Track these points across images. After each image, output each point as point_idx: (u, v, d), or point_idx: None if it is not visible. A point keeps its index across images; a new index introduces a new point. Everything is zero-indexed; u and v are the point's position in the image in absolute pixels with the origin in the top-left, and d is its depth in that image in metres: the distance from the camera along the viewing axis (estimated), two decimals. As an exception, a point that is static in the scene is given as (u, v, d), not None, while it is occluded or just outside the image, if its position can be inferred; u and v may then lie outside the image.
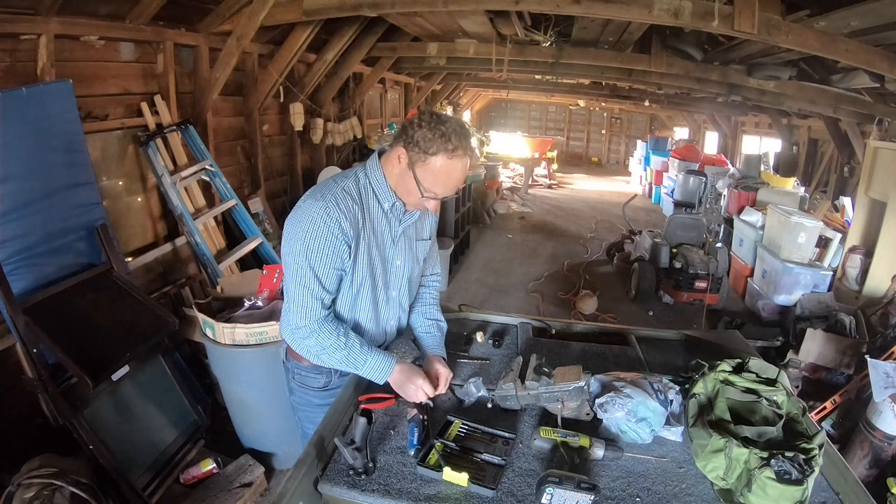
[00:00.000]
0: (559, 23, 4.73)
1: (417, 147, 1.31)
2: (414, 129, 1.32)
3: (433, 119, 1.32)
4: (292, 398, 1.62)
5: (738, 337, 1.92)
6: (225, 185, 3.66)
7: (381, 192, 1.42)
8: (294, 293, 1.37)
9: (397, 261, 1.52)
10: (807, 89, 4.59)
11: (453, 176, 1.35)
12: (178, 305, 3.20)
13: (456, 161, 1.33)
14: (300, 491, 1.11)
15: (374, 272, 1.46)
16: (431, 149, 1.30)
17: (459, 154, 1.32)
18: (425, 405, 1.39)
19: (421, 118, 1.33)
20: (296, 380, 1.58)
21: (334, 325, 1.40)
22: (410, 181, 1.36)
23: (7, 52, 2.37)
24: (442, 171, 1.33)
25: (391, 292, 1.54)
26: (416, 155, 1.32)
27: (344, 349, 1.38)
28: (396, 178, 1.39)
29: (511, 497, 1.14)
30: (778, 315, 4.34)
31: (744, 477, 1.12)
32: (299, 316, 1.37)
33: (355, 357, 1.39)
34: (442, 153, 1.31)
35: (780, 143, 8.05)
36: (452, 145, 1.30)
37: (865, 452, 2.47)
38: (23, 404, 2.21)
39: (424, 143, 1.30)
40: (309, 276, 1.34)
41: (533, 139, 14.04)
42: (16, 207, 2.14)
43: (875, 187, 4.08)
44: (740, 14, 2.79)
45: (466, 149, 1.34)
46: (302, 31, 4.06)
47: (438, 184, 1.35)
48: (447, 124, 1.31)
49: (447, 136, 1.30)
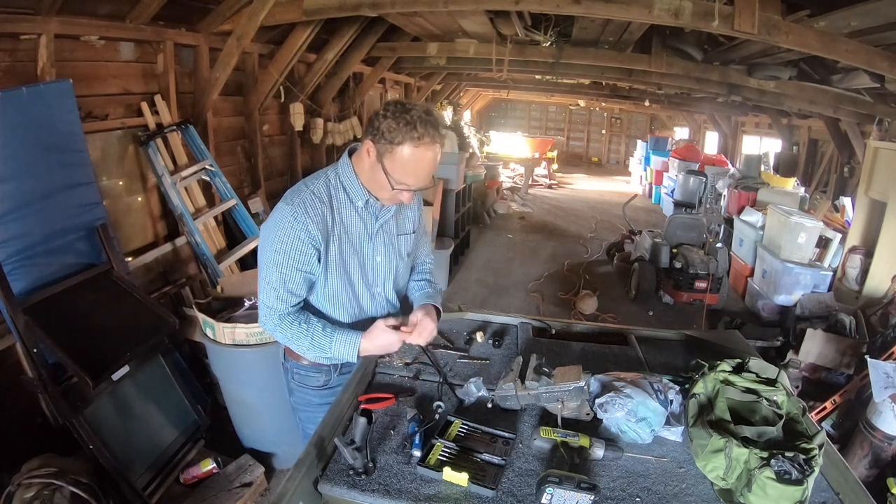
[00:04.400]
0: (559, 23, 4.73)
1: (384, 138, 1.28)
2: (380, 121, 1.29)
3: (398, 108, 1.28)
4: (292, 398, 1.63)
5: (738, 337, 1.92)
6: (225, 185, 3.66)
7: (353, 190, 1.42)
8: (264, 293, 1.40)
9: (377, 257, 1.51)
10: (807, 89, 4.59)
11: (422, 165, 1.32)
12: (178, 305, 3.20)
13: (423, 149, 1.30)
14: (300, 491, 1.11)
15: (348, 271, 1.46)
16: (397, 138, 1.27)
17: (427, 142, 1.29)
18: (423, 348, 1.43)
19: (386, 109, 1.29)
20: (295, 379, 1.58)
21: (295, 315, 1.41)
22: (380, 174, 1.34)
23: (7, 52, 2.37)
24: (410, 160, 1.30)
25: (375, 289, 1.54)
26: (383, 146, 1.30)
27: (307, 335, 1.39)
28: (367, 173, 1.38)
29: (511, 497, 1.14)
30: (778, 315, 4.34)
31: (744, 477, 1.12)
32: (265, 313, 1.41)
33: (320, 339, 1.40)
34: (408, 142, 1.28)
35: (780, 143, 8.05)
36: (418, 133, 1.27)
37: (865, 452, 2.47)
38: (23, 404, 2.21)
39: (390, 133, 1.27)
40: (275, 278, 1.37)
41: (533, 139, 14.05)
42: (16, 207, 2.14)
43: (875, 187, 4.08)
44: (740, 14, 2.79)
45: (434, 136, 1.30)
46: (302, 31, 4.06)
47: (408, 174, 1.32)
48: (412, 112, 1.27)
49: (412, 124, 1.26)
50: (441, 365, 1.54)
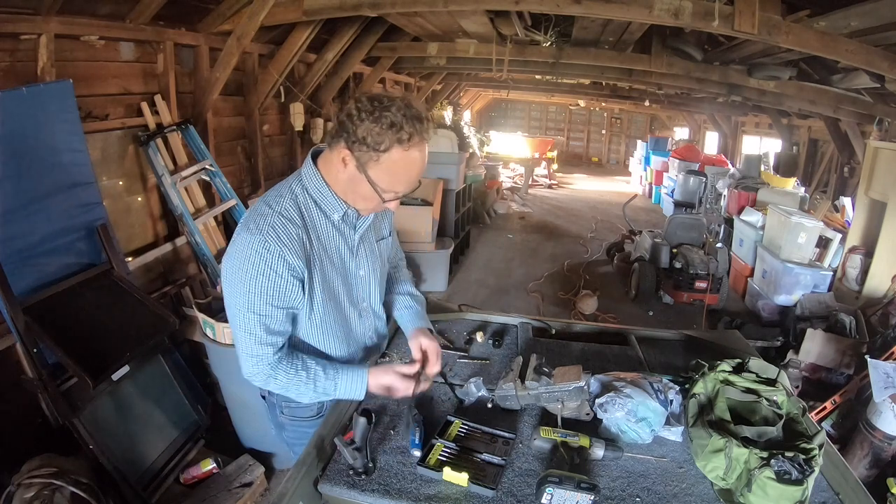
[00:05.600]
0: (559, 23, 4.73)
1: (365, 145, 1.09)
2: (355, 124, 1.09)
3: (374, 106, 1.08)
4: (285, 435, 1.45)
5: (738, 337, 1.92)
6: (225, 185, 3.66)
7: (327, 203, 1.22)
8: (241, 341, 1.19)
9: (360, 271, 1.34)
10: (807, 89, 4.60)
11: (414, 168, 1.15)
12: (178, 305, 3.20)
13: (413, 151, 1.12)
14: (300, 491, 1.11)
15: (335, 294, 1.29)
16: (382, 144, 1.09)
17: (416, 141, 1.11)
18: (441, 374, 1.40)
19: (359, 107, 1.09)
20: (285, 414, 1.41)
21: (288, 361, 1.23)
22: (363, 186, 1.15)
23: (7, 52, 2.37)
24: (400, 166, 1.13)
25: (361, 305, 1.38)
26: (365, 155, 1.11)
27: (308, 382, 1.23)
28: (344, 183, 1.19)
29: (511, 497, 1.14)
30: (778, 315, 4.33)
31: (744, 477, 1.12)
32: (250, 364, 1.21)
33: (323, 385, 1.24)
34: (396, 146, 1.09)
35: (780, 144, 8.05)
36: (406, 134, 1.09)
37: (865, 452, 2.46)
38: (23, 404, 2.21)
39: (372, 138, 1.08)
40: (254, 323, 1.16)
41: (533, 139, 14.04)
42: (16, 207, 2.14)
43: (875, 187, 4.08)
44: (740, 14, 2.79)
45: (422, 132, 1.11)
46: (302, 30, 4.06)
47: (399, 182, 1.16)
48: (391, 109, 1.08)
49: (397, 125, 1.08)
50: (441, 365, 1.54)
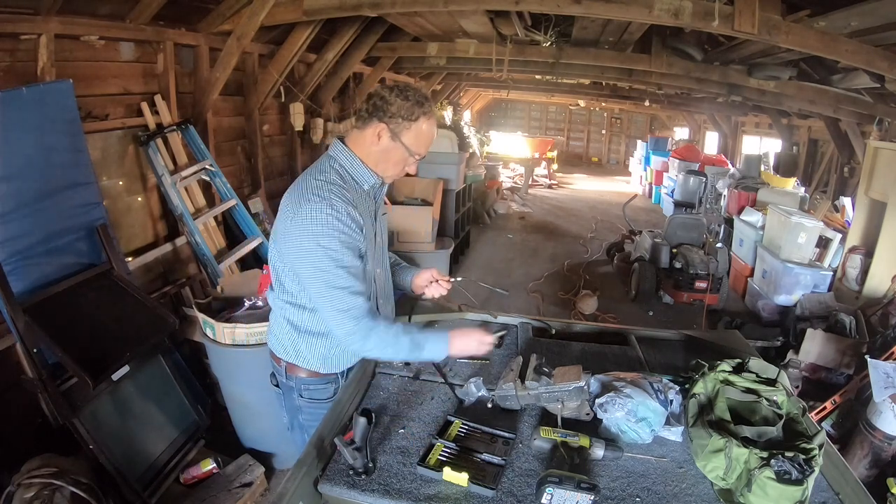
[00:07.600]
0: (559, 23, 4.73)
1: (400, 118, 1.39)
2: (389, 102, 1.39)
3: (399, 90, 1.40)
4: (301, 417, 1.55)
5: (738, 337, 1.92)
6: (225, 185, 3.66)
7: (360, 174, 1.45)
8: (329, 302, 1.33)
9: (379, 238, 1.56)
10: (807, 89, 4.60)
11: (432, 133, 1.47)
12: (178, 305, 3.20)
13: (433, 120, 1.45)
14: (300, 491, 1.11)
15: (373, 253, 1.50)
16: (413, 115, 1.39)
17: (432, 113, 1.44)
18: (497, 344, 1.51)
19: (389, 92, 1.40)
20: (304, 396, 1.52)
21: (382, 319, 1.40)
22: (397, 151, 1.43)
23: (7, 52, 2.37)
24: (425, 132, 1.43)
25: (377, 270, 1.55)
26: (400, 125, 1.40)
27: (405, 333, 1.38)
28: (377, 154, 1.44)
29: (511, 497, 1.14)
30: (778, 315, 4.33)
31: (744, 477, 1.12)
32: (346, 320, 1.32)
33: (418, 338, 1.39)
34: (422, 117, 1.41)
35: (780, 143, 8.05)
36: (427, 107, 1.41)
37: (865, 452, 2.46)
38: (23, 404, 2.21)
39: (405, 111, 1.38)
40: (343, 277, 1.31)
41: (533, 139, 14.03)
42: (16, 207, 2.14)
43: (875, 187, 4.08)
44: (740, 14, 2.79)
45: (433, 107, 1.47)
46: (302, 31, 4.06)
47: (423, 145, 1.45)
48: (411, 91, 1.41)
49: (420, 101, 1.40)
50: (441, 365, 1.54)
